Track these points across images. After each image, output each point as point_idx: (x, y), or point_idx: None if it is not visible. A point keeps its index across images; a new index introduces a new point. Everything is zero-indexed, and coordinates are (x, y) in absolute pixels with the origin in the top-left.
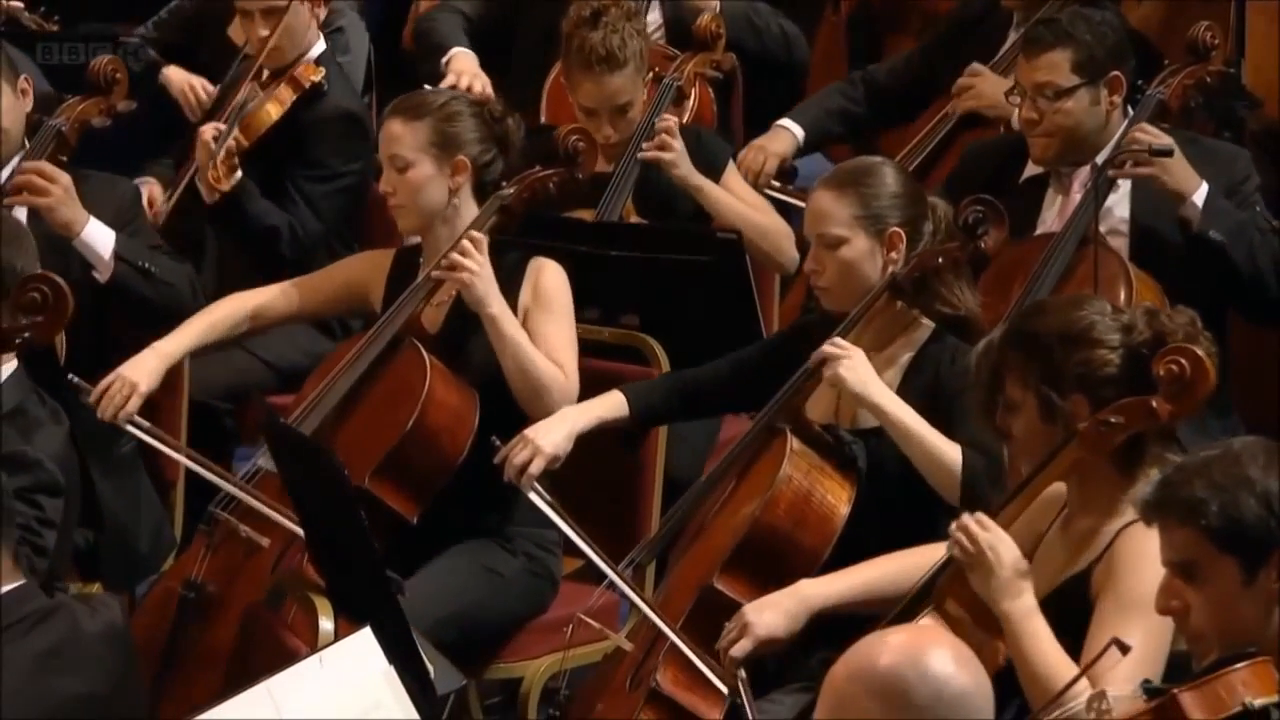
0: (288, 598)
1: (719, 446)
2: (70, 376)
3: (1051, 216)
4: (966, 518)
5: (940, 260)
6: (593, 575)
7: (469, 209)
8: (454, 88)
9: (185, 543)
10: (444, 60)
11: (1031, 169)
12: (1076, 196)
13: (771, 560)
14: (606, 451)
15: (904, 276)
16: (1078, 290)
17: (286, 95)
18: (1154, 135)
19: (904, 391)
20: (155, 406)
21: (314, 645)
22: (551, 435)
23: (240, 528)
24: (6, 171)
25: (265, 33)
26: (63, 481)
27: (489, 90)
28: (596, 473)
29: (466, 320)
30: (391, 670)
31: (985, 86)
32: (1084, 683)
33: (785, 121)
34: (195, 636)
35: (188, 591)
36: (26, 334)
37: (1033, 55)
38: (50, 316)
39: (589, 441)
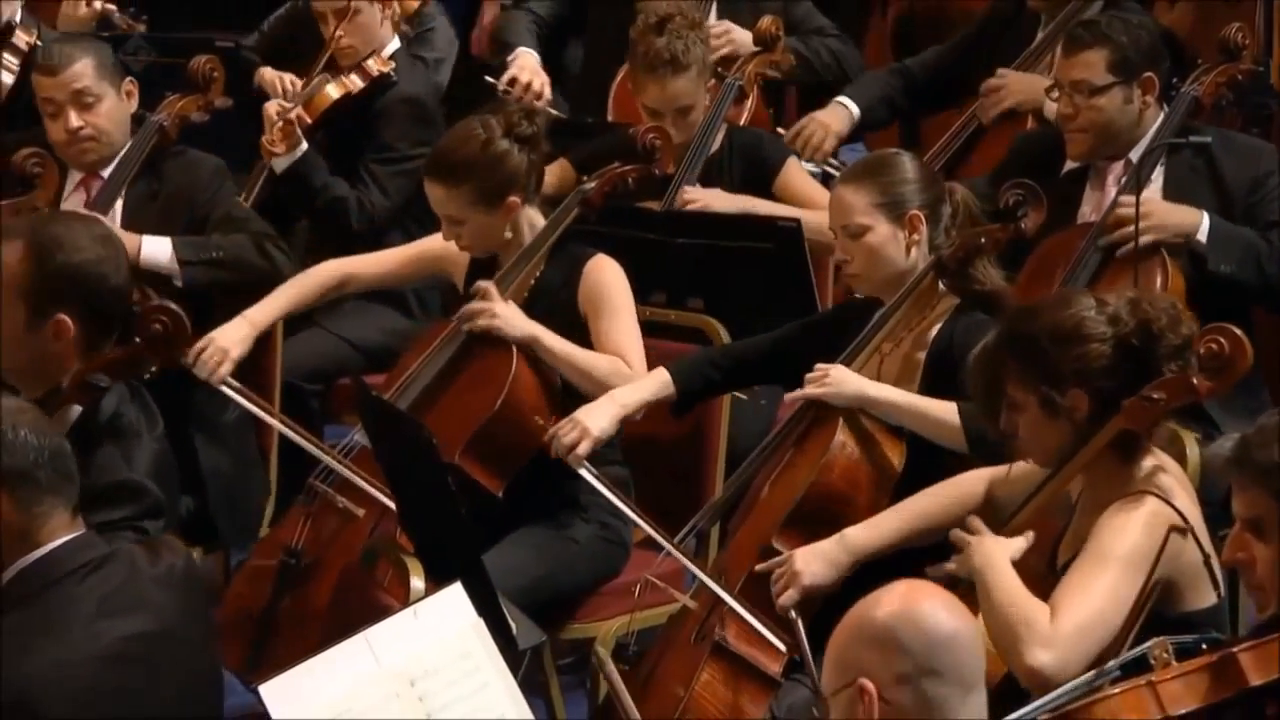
0: (381, 559)
1: (777, 423)
2: None
3: (1089, 209)
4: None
5: (983, 241)
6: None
7: (534, 219)
8: (514, 80)
9: (279, 513)
10: (510, 58)
11: (1071, 163)
12: (1112, 191)
13: (827, 521)
14: (673, 425)
15: (949, 257)
16: (1116, 277)
17: (351, 81)
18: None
19: (931, 361)
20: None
21: (406, 604)
22: (598, 417)
23: (337, 499)
24: (111, 167)
25: (339, 32)
26: (164, 500)
27: (547, 89)
28: (663, 444)
29: (539, 304)
30: (481, 623)
31: (1014, 84)
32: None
33: (843, 99)
34: (295, 599)
35: (288, 558)
36: (152, 365)
37: (1071, 53)
38: (173, 343)
39: (656, 415)
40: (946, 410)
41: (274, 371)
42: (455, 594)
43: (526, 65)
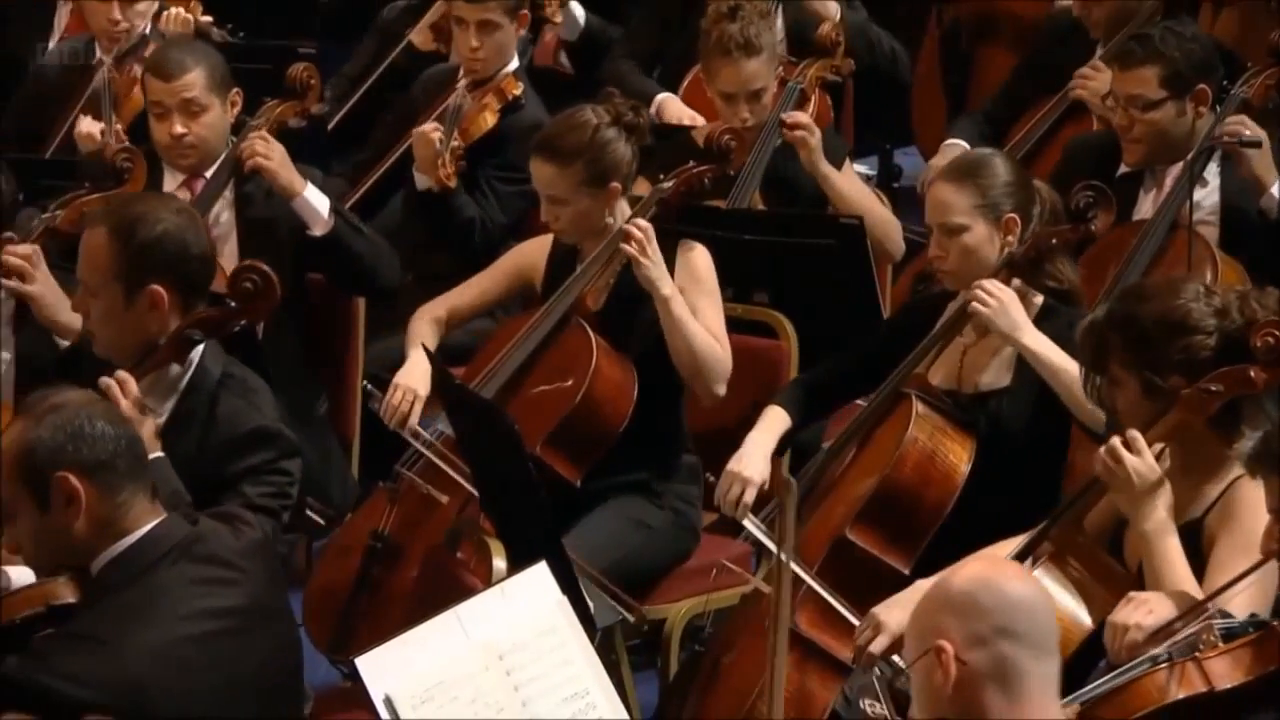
0: (464, 540)
1: (836, 417)
2: (364, 384)
3: (1145, 209)
4: (1115, 440)
5: (1054, 241)
6: (729, 528)
7: (625, 211)
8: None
9: (360, 500)
10: (653, 110)
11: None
12: (1168, 191)
13: (899, 514)
14: (739, 417)
15: (1020, 256)
16: (1168, 271)
17: (495, 105)
18: (1248, 127)
19: (1023, 358)
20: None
21: (488, 584)
22: (754, 465)
23: (421, 485)
24: (213, 169)
25: (476, 44)
26: (297, 443)
27: (699, 119)
28: (731, 435)
29: (624, 301)
30: (564, 600)
31: (1099, 83)
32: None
33: (955, 140)
34: (380, 581)
35: (375, 542)
36: (242, 320)
37: (1125, 69)
38: (262, 302)
39: (725, 411)
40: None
41: (356, 365)
42: (540, 572)
43: (675, 110)
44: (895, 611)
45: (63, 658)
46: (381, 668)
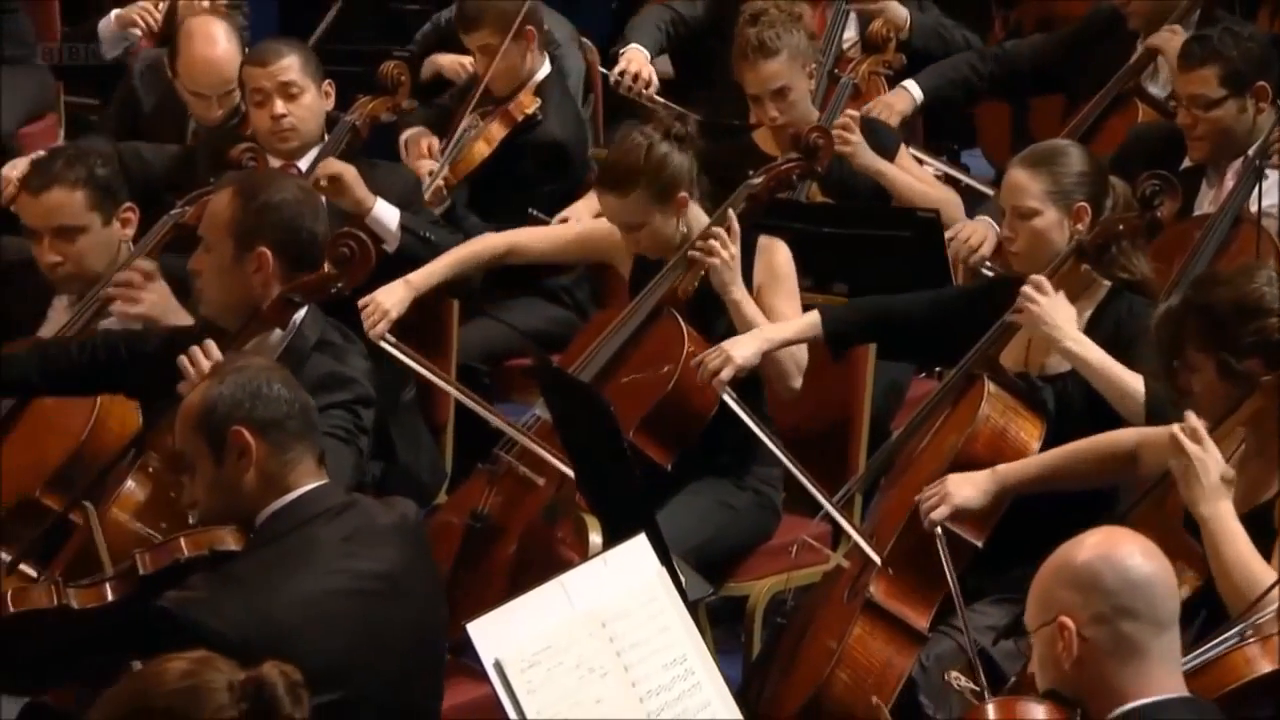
0: (561, 517)
1: (908, 402)
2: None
3: (1206, 204)
4: (1177, 428)
5: (1121, 228)
6: (808, 508)
7: (699, 215)
8: (623, 72)
9: (456, 480)
10: (620, 51)
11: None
12: (1230, 185)
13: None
14: (819, 413)
15: (1089, 242)
16: (1232, 264)
17: (497, 133)
18: None
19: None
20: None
21: (586, 559)
22: (744, 349)
23: (518, 467)
24: (306, 160)
25: (482, 69)
26: (374, 395)
27: (654, 79)
28: (810, 422)
29: (713, 291)
30: (664, 571)
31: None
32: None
33: (908, 83)
34: (479, 558)
35: (474, 521)
36: (340, 284)
37: (1186, 70)
38: (358, 267)
39: (805, 403)
40: (1134, 380)
41: (450, 354)
42: (641, 544)
43: (634, 58)
44: (965, 487)
45: (214, 594)
46: (491, 634)
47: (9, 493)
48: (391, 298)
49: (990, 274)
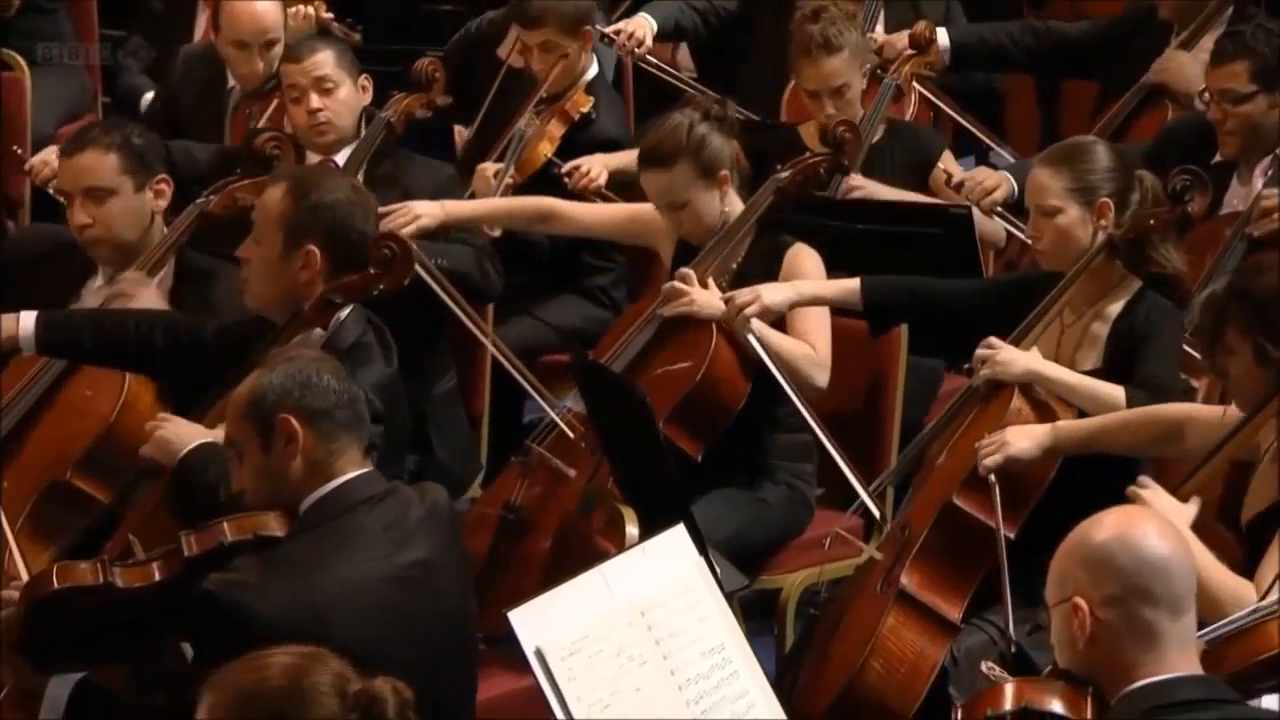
0: (596, 506)
1: (941, 397)
2: None
3: (1235, 200)
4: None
5: (1151, 223)
6: (840, 503)
7: (737, 204)
8: (619, 31)
9: (491, 471)
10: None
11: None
12: (1258, 183)
13: (1006, 480)
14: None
15: (1120, 238)
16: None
17: (557, 131)
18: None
19: (1113, 337)
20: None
21: (622, 549)
22: (775, 294)
23: (551, 459)
24: (345, 155)
25: (539, 66)
26: (382, 410)
27: (649, 41)
28: (843, 417)
29: (744, 283)
30: (701, 560)
31: (1173, 64)
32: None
33: (941, 32)
34: (513, 550)
35: (508, 513)
36: (381, 284)
37: (1218, 65)
38: (399, 268)
39: (836, 396)
40: (1114, 393)
41: (485, 348)
42: (679, 534)
43: (638, 24)
44: (1022, 440)
45: (258, 578)
46: (532, 622)
47: (41, 477)
48: (425, 208)
49: (1000, 219)
